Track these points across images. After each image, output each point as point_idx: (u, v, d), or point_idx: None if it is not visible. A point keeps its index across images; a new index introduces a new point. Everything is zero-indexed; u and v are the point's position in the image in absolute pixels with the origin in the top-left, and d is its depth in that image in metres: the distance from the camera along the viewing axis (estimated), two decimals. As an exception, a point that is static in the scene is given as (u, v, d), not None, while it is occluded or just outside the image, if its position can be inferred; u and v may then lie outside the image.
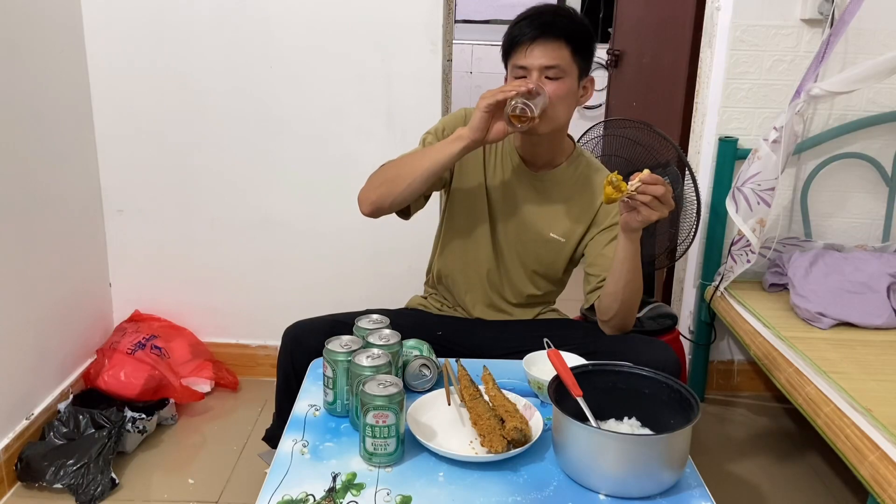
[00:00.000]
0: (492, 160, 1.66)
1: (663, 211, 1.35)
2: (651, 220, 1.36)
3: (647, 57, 3.12)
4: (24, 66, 1.98)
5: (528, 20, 1.50)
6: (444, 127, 1.64)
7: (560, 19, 1.50)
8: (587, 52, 1.54)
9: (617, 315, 1.54)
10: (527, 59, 1.49)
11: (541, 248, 1.66)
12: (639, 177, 1.33)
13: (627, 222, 1.39)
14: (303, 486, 1.13)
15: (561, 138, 1.64)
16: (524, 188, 1.65)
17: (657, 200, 1.34)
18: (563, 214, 1.64)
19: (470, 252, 1.69)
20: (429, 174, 1.49)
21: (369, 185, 1.58)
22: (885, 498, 1.34)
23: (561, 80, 1.50)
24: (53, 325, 2.16)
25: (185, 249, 2.47)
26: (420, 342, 1.46)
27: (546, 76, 1.49)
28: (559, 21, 1.50)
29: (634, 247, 1.45)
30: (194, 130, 2.36)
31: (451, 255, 1.72)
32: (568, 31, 1.49)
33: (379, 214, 1.58)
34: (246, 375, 2.53)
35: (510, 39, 1.53)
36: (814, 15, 2.21)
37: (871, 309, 2.01)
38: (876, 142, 2.33)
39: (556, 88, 1.49)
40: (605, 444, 1.12)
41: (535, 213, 1.65)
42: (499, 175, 1.65)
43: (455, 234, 1.70)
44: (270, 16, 2.27)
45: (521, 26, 1.50)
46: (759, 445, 2.29)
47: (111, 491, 1.91)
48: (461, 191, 1.67)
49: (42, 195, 2.08)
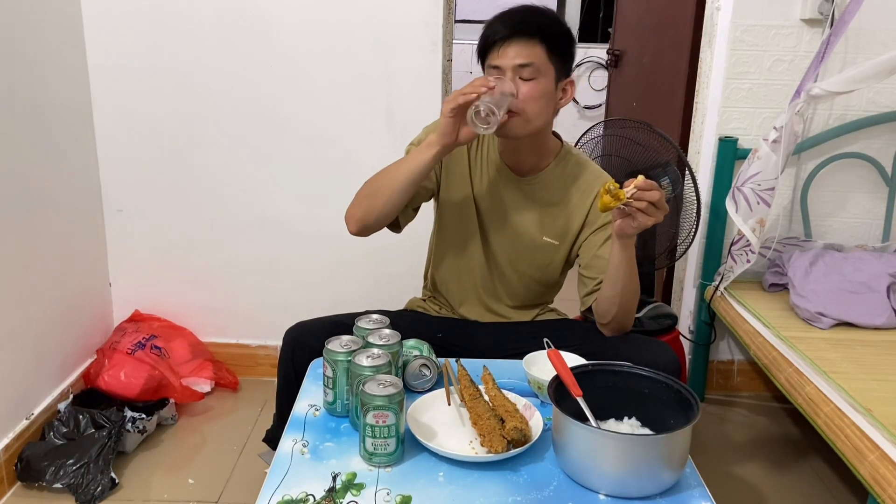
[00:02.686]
0: (477, 169, 1.64)
1: (658, 216, 1.34)
2: (646, 226, 1.35)
3: (647, 57, 3.12)
4: (24, 66, 1.98)
5: (501, 19, 1.48)
6: (425, 136, 1.62)
7: (534, 17, 1.48)
8: (564, 51, 1.51)
9: (615, 318, 1.54)
10: (500, 58, 1.47)
11: (535, 254, 1.65)
12: (634, 183, 1.31)
13: (622, 228, 1.38)
14: (303, 486, 1.13)
15: (543, 140, 1.60)
16: (512, 195, 1.63)
17: (653, 206, 1.33)
18: (554, 217, 1.63)
19: (462, 262, 1.69)
20: (407, 184, 1.48)
21: (353, 203, 1.56)
22: (885, 498, 1.34)
23: (535, 81, 1.47)
24: (53, 325, 2.16)
25: (185, 249, 2.47)
26: (420, 342, 1.46)
27: (520, 76, 1.46)
28: (533, 19, 1.48)
29: (629, 252, 1.44)
30: (194, 130, 2.36)
31: (445, 265, 1.72)
32: (542, 29, 1.47)
33: (367, 232, 1.54)
34: (246, 375, 2.53)
35: (484, 39, 1.50)
36: (814, 15, 2.21)
37: (871, 309, 2.01)
38: (876, 142, 2.33)
39: (530, 89, 1.47)
40: (605, 444, 1.12)
41: (526, 218, 1.63)
42: (485, 183, 1.63)
43: (447, 244, 1.70)
44: (270, 16, 2.27)
45: (495, 25, 1.48)
46: (759, 445, 2.30)
47: (111, 491, 1.91)
48: (449, 201, 1.66)
49: (42, 195, 2.08)
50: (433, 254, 1.75)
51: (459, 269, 1.70)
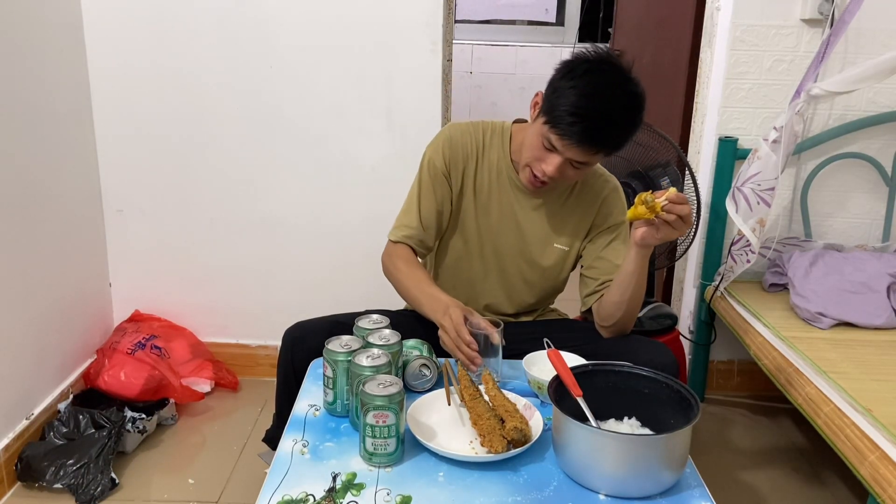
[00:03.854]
0: (485, 182, 1.63)
1: (684, 230, 1.35)
2: (670, 239, 1.35)
3: (647, 57, 3.11)
4: (24, 66, 1.98)
5: (581, 119, 1.38)
6: (430, 158, 1.62)
7: (610, 132, 1.41)
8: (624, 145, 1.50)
9: (618, 322, 1.54)
10: (561, 148, 1.43)
11: (546, 261, 1.64)
12: (665, 195, 1.31)
13: (645, 238, 1.37)
14: (303, 486, 1.13)
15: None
16: (522, 206, 1.63)
17: (680, 220, 1.33)
18: (564, 223, 1.63)
19: (462, 273, 1.69)
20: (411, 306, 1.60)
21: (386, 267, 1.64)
22: (885, 498, 1.34)
23: (583, 169, 1.49)
24: (53, 325, 2.16)
25: (185, 249, 2.47)
26: (420, 342, 1.46)
27: (572, 164, 1.46)
28: (615, 133, 1.42)
29: (645, 261, 1.44)
30: (194, 130, 2.36)
31: (444, 275, 1.72)
32: (616, 142, 1.44)
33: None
34: (246, 375, 2.53)
35: (562, 117, 1.40)
36: (814, 15, 2.21)
37: (871, 309, 2.01)
38: (876, 142, 2.33)
39: (575, 175, 1.51)
40: (605, 444, 1.12)
41: (537, 228, 1.63)
42: (495, 196, 1.63)
43: (447, 255, 1.70)
44: (270, 16, 2.27)
45: (573, 118, 1.38)
46: (759, 445, 2.29)
47: (111, 491, 1.91)
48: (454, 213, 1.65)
49: (42, 195, 2.08)
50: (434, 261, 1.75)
51: (457, 279, 1.70)
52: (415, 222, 1.61)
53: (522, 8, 4.58)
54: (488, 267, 1.67)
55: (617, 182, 1.67)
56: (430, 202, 1.61)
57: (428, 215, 1.61)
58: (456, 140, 1.61)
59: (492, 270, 1.67)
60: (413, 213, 1.62)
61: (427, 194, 1.61)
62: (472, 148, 1.62)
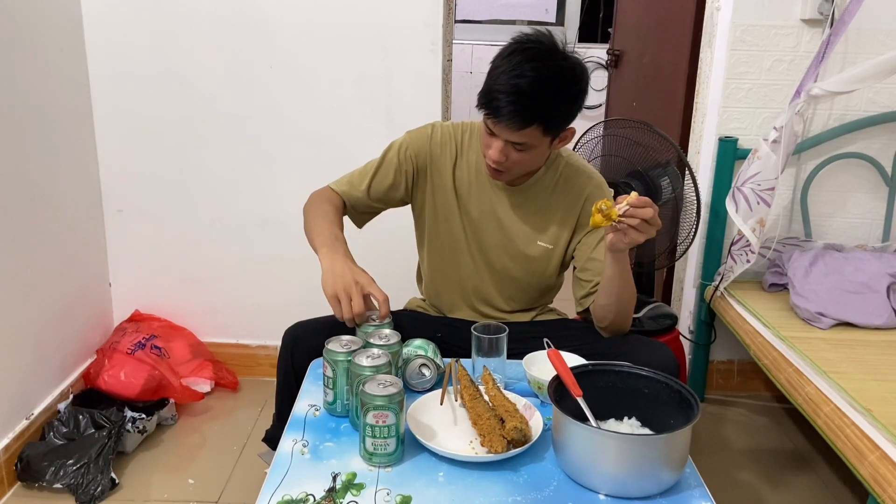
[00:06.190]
0: (463, 179, 1.63)
1: (651, 232, 1.33)
2: (638, 242, 1.34)
3: (647, 57, 3.12)
4: (25, 65, 1.98)
5: (505, 90, 1.38)
6: (407, 144, 1.62)
7: (538, 103, 1.39)
8: (562, 125, 1.48)
9: (613, 323, 1.54)
10: (496, 129, 1.44)
11: (530, 259, 1.64)
12: (626, 200, 1.31)
13: (614, 244, 1.37)
14: (303, 486, 1.13)
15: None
16: (503, 204, 1.62)
17: (645, 223, 1.32)
18: (547, 221, 1.62)
19: (451, 272, 1.69)
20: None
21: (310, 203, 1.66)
22: (885, 498, 1.34)
23: (526, 152, 1.47)
24: (53, 324, 2.16)
25: (185, 249, 2.47)
26: (426, 342, 1.46)
27: (513, 147, 1.45)
28: (537, 105, 1.40)
29: (623, 264, 1.44)
30: (194, 130, 2.36)
31: (435, 275, 1.72)
32: (544, 115, 1.42)
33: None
34: (246, 375, 2.53)
35: (486, 98, 1.42)
36: (814, 15, 2.21)
37: (871, 309, 2.01)
38: (876, 142, 2.33)
39: (520, 158, 1.48)
40: (605, 444, 1.12)
41: (519, 225, 1.63)
42: (474, 194, 1.63)
43: (436, 255, 1.70)
44: (270, 16, 2.27)
45: (499, 97, 1.39)
46: (759, 446, 2.30)
47: (111, 491, 1.91)
48: (434, 213, 1.65)
49: (42, 195, 2.08)
50: (424, 263, 1.75)
51: (448, 278, 1.70)
52: (363, 185, 1.64)
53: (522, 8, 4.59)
54: (478, 264, 1.67)
55: (601, 179, 1.65)
56: (387, 178, 1.63)
57: (378, 187, 1.64)
58: (436, 139, 1.63)
59: (481, 267, 1.67)
60: (366, 178, 1.64)
61: (387, 170, 1.63)
62: (451, 147, 1.63)
